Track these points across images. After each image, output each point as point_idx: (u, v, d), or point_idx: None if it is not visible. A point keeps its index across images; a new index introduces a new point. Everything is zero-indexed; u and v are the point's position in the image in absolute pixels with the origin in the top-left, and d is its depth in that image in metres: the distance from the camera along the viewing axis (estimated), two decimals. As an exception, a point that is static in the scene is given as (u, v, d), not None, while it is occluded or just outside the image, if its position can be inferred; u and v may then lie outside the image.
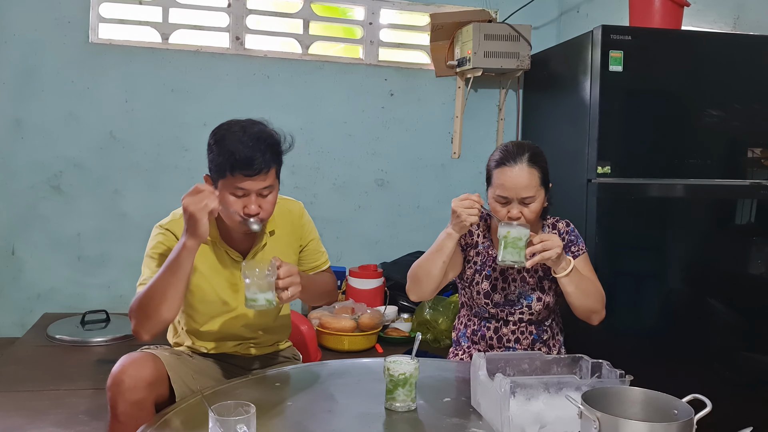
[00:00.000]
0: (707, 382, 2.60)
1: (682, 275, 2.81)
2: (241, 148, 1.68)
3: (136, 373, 1.61)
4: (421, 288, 2.02)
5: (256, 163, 1.68)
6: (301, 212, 2.02)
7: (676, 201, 2.77)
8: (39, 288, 3.38)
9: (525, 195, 1.93)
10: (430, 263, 1.97)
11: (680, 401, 1.27)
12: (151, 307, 1.67)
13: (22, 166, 3.33)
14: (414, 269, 2.03)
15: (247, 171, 1.68)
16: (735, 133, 2.79)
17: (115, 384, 1.61)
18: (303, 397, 1.66)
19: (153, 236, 1.84)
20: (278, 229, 1.93)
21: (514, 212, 1.93)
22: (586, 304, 1.96)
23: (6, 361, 2.72)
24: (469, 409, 1.57)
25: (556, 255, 1.84)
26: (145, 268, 1.81)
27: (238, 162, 1.67)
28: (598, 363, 1.55)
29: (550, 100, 3.40)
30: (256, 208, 1.73)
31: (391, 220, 3.81)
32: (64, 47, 3.33)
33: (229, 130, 1.74)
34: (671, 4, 2.79)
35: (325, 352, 2.91)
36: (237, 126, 1.75)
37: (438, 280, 1.99)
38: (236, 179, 1.69)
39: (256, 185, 1.71)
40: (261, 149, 1.70)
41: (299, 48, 3.67)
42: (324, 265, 2.08)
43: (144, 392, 1.61)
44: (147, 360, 1.66)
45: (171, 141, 3.47)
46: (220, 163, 1.70)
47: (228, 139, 1.71)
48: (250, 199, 1.72)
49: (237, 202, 1.73)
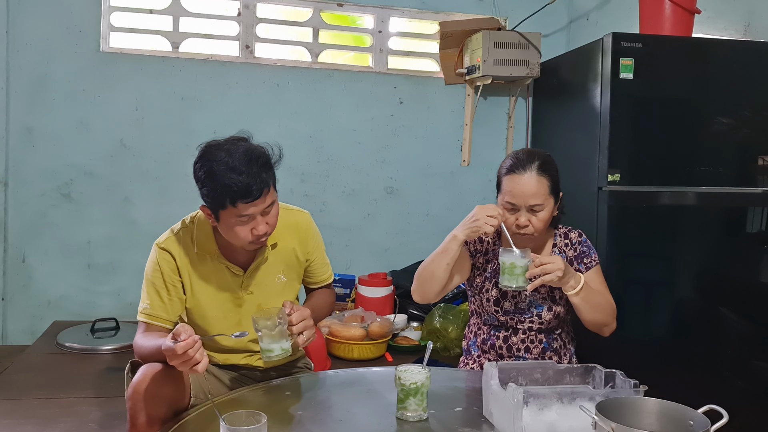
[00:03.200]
0: (719, 392, 2.58)
1: (693, 284, 2.78)
2: (236, 178, 1.62)
3: (157, 386, 1.61)
4: (425, 289, 2.01)
5: (254, 190, 1.63)
6: (308, 224, 1.97)
7: (687, 209, 2.76)
8: (49, 295, 3.39)
9: (533, 203, 1.92)
10: (435, 264, 1.97)
11: (696, 412, 1.25)
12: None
13: (33, 174, 3.35)
14: (419, 270, 2.03)
15: (248, 199, 1.64)
16: (746, 140, 2.77)
17: (136, 394, 1.60)
18: (313, 407, 1.65)
19: (150, 256, 1.82)
20: (282, 242, 1.89)
21: (522, 220, 1.93)
22: (596, 318, 1.95)
23: (16, 368, 2.72)
24: (481, 419, 1.56)
25: (557, 278, 1.82)
26: (144, 294, 1.81)
27: (237, 193, 1.62)
28: (611, 373, 1.54)
29: (560, 107, 3.39)
30: (265, 227, 1.71)
31: (400, 227, 3.81)
32: (75, 56, 3.36)
33: (214, 160, 1.65)
34: (682, 11, 2.78)
35: (334, 360, 2.91)
36: (221, 152, 1.66)
37: (442, 282, 1.98)
38: (238, 209, 1.65)
39: (259, 208, 1.68)
40: (254, 173, 1.63)
41: (309, 56, 3.68)
42: (329, 279, 2.06)
43: (165, 405, 1.61)
44: (168, 372, 1.64)
45: (181, 149, 3.48)
46: (217, 197, 1.65)
47: (218, 170, 1.63)
48: (257, 221, 1.69)
49: (244, 228, 1.69)
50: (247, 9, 3.57)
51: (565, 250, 2.07)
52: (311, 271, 2.00)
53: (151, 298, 1.78)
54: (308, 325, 1.68)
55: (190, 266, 1.81)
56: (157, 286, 1.79)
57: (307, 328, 1.67)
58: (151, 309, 1.78)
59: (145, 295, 1.80)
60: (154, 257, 1.81)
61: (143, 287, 1.81)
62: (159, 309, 1.78)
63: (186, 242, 1.82)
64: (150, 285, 1.80)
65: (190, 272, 1.81)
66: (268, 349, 1.62)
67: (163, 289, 1.79)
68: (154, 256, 1.82)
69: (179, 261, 1.81)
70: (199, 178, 1.70)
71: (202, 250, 1.82)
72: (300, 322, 1.66)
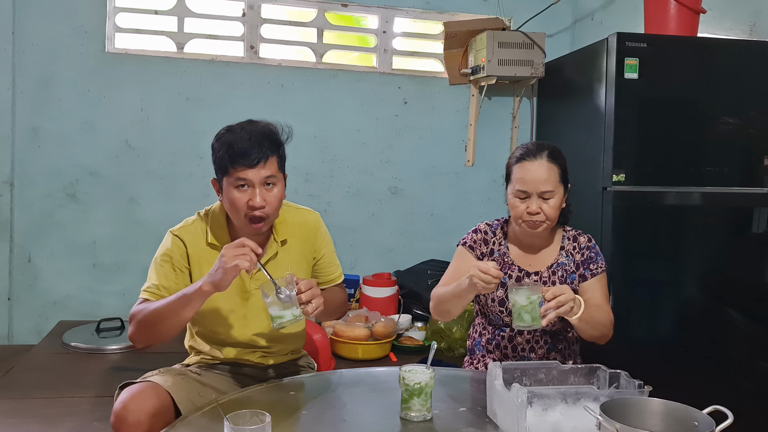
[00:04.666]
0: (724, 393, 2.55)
1: (698, 284, 2.78)
2: (239, 140, 1.74)
3: (138, 408, 1.61)
4: (444, 318, 2.08)
5: (254, 153, 1.73)
6: (317, 224, 2.01)
7: (692, 209, 2.75)
8: (55, 295, 3.40)
9: (544, 189, 1.94)
10: (451, 305, 1.99)
11: (701, 413, 1.25)
12: (153, 327, 1.72)
13: (38, 174, 3.36)
14: (436, 302, 2.05)
15: (247, 161, 1.72)
16: (752, 140, 2.77)
17: (118, 421, 1.61)
18: (317, 406, 1.65)
19: (164, 241, 1.87)
20: (291, 239, 1.93)
21: (533, 207, 1.94)
22: (593, 334, 1.94)
23: (22, 368, 2.73)
24: (485, 419, 1.55)
25: (569, 308, 1.77)
26: (151, 273, 1.83)
27: (237, 153, 1.72)
28: (615, 373, 1.54)
29: (565, 107, 3.39)
30: (261, 201, 1.74)
31: (404, 228, 3.81)
32: (80, 57, 3.37)
33: (228, 130, 1.81)
34: (687, 11, 2.77)
35: (339, 360, 2.91)
36: (237, 126, 1.81)
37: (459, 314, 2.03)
38: (237, 171, 1.73)
39: (258, 174, 1.74)
40: (258, 140, 1.75)
41: (313, 57, 3.68)
42: (339, 278, 2.08)
43: (148, 425, 1.60)
44: (148, 392, 1.66)
45: (186, 149, 3.49)
46: (220, 158, 1.76)
47: (226, 136, 1.78)
48: (255, 191, 1.74)
49: (241, 197, 1.75)
50: (251, 10, 3.58)
51: (573, 253, 2.07)
52: (320, 269, 2.02)
53: (159, 277, 1.81)
54: (316, 294, 1.69)
55: (200, 256, 1.84)
56: (166, 268, 1.82)
57: (315, 297, 1.69)
58: (156, 288, 1.80)
59: (152, 275, 1.82)
60: (166, 242, 1.86)
61: (150, 269, 1.84)
62: (165, 288, 1.80)
63: (198, 233, 1.86)
64: (158, 266, 1.83)
65: (200, 262, 1.83)
66: (278, 315, 1.63)
67: (171, 272, 1.81)
68: (166, 242, 1.86)
69: (190, 249, 1.84)
70: (213, 147, 1.81)
71: (214, 242, 1.84)
72: (308, 290, 1.68)
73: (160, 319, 1.70)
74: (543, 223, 1.97)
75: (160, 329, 1.72)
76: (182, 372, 1.85)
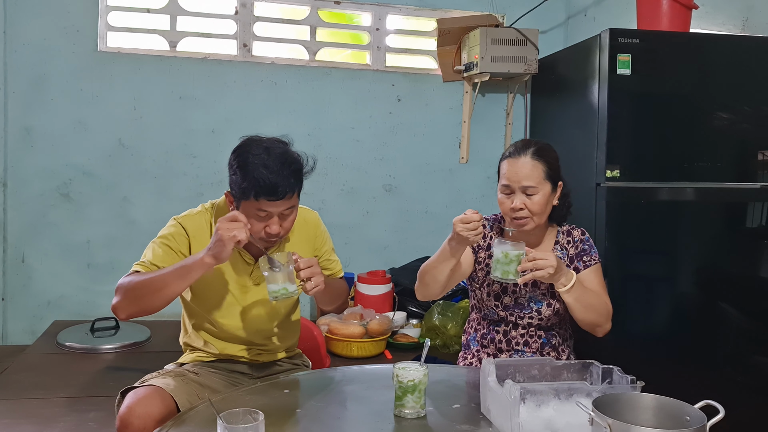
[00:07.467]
0: (719, 388, 2.58)
1: (692, 279, 2.78)
2: (266, 175, 1.68)
3: (144, 412, 1.61)
4: (428, 290, 2.04)
5: (280, 191, 1.70)
6: (317, 222, 2.04)
7: (686, 204, 2.75)
8: (49, 295, 3.40)
9: (526, 184, 1.95)
10: (437, 270, 1.97)
11: (692, 407, 1.26)
12: (144, 295, 1.70)
13: (32, 174, 3.35)
14: (422, 272, 2.03)
15: (273, 197, 1.70)
16: (745, 135, 2.77)
17: (124, 426, 1.60)
18: (312, 404, 1.65)
19: (166, 226, 1.87)
20: (293, 236, 1.95)
21: (516, 203, 1.96)
22: (587, 317, 1.96)
23: (16, 368, 2.73)
24: (479, 415, 1.56)
25: (548, 275, 1.82)
26: (148, 251, 1.82)
27: (263, 189, 1.69)
28: (608, 369, 1.54)
29: (558, 104, 3.39)
30: (278, 229, 1.75)
31: (399, 225, 3.81)
32: (73, 56, 3.35)
33: (252, 153, 1.72)
34: (679, 7, 2.78)
35: (333, 358, 2.91)
36: (260, 148, 1.73)
37: (444, 283, 2.00)
38: (260, 203, 1.71)
39: (279, 208, 1.74)
40: (285, 175, 1.71)
41: (306, 54, 3.68)
42: (339, 273, 2.10)
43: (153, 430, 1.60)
44: (153, 396, 1.66)
45: (179, 148, 3.49)
46: (244, 187, 1.71)
47: (252, 164, 1.70)
48: (273, 220, 1.75)
49: (260, 223, 1.75)
50: (244, 7, 3.57)
51: (567, 247, 2.08)
52: (321, 265, 2.01)
53: (155, 256, 1.80)
54: (316, 272, 1.70)
55: (202, 247, 1.82)
56: (164, 249, 1.81)
57: (314, 275, 1.70)
58: (150, 264, 1.78)
59: (148, 253, 1.82)
60: (169, 227, 1.85)
61: (147, 248, 1.83)
62: (158, 267, 1.77)
63: (201, 224, 1.86)
64: (156, 245, 1.82)
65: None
66: (274, 290, 1.67)
67: (169, 253, 1.80)
68: (169, 227, 1.86)
69: (192, 238, 1.84)
70: (232, 165, 1.76)
71: None
72: (308, 267, 1.69)
73: (153, 289, 1.69)
74: (529, 220, 1.97)
75: (150, 300, 1.70)
76: (181, 373, 1.85)
